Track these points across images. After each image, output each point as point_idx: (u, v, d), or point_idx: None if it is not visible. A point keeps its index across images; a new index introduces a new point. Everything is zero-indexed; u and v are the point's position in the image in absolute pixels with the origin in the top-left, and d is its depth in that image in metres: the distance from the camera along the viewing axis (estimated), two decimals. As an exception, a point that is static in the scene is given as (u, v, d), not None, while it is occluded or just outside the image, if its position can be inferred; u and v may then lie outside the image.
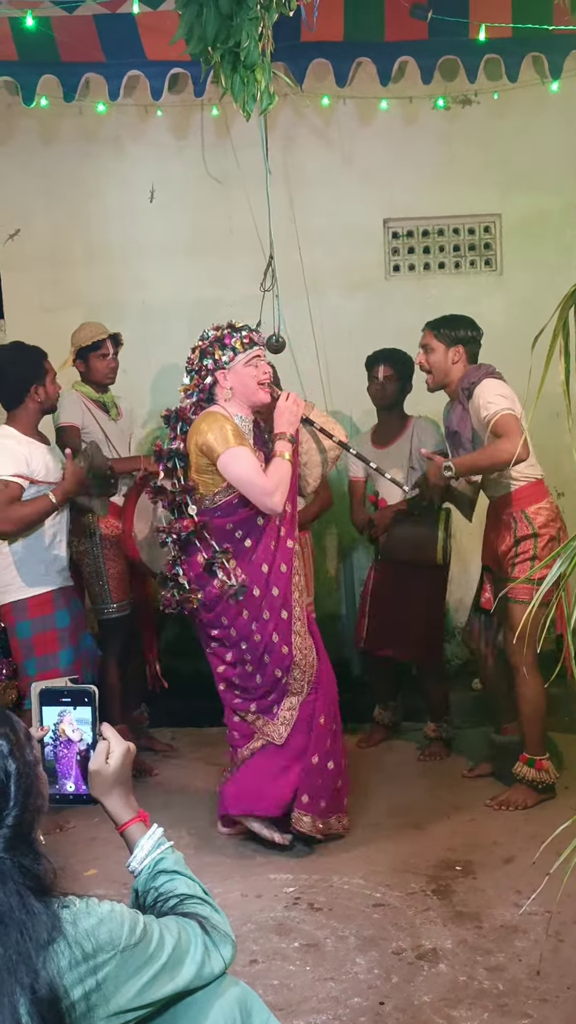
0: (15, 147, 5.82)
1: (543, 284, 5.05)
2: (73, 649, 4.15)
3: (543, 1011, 2.70)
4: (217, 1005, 1.70)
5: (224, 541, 3.72)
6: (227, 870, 3.67)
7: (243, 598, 3.71)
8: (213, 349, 3.73)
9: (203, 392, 3.77)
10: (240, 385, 3.74)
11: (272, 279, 4.40)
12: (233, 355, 3.72)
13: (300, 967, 2.99)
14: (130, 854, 1.83)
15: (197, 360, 3.77)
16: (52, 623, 4.11)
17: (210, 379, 3.74)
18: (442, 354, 4.16)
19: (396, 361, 4.78)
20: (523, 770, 4.09)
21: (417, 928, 3.19)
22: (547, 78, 5.05)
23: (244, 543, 3.75)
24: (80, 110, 5.52)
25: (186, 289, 5.75)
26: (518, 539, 4.06)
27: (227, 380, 3.73)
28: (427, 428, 4.79)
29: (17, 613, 4.08)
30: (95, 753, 1.82)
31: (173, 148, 5.85)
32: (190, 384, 3.80)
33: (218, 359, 3.72)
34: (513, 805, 4.06)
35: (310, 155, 5.82)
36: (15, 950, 1.42)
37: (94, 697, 1.85)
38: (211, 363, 3.73)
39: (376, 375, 4.80)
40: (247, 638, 3.74)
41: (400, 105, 5.60)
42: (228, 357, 3.71)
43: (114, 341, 4.74)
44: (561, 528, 4.10)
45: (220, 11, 2.76)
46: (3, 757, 1.51)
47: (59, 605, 4.14)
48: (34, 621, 4.08)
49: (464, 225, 5.96)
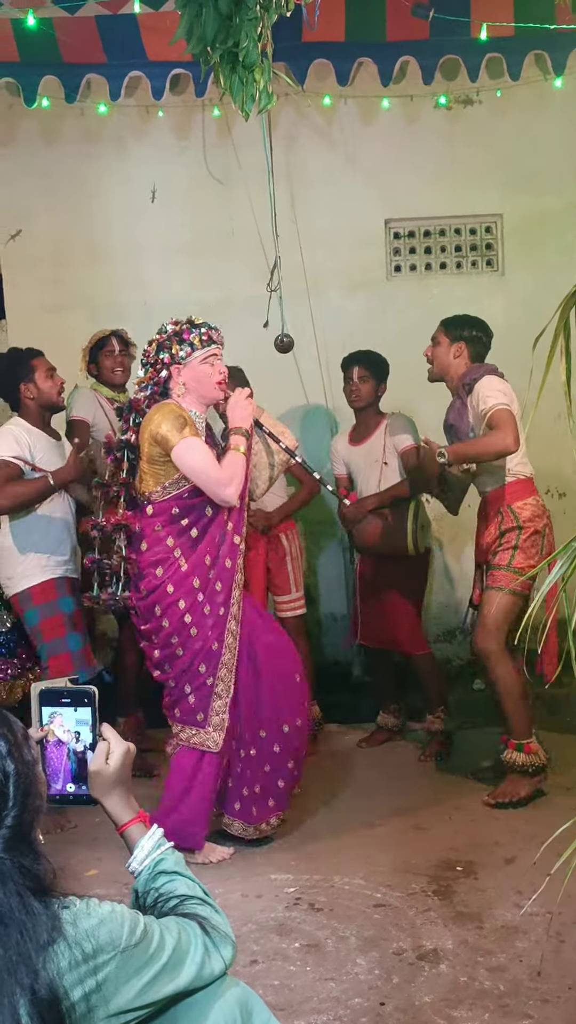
0: (17, 148, 5.83)
1: (544, 284, 5.04)
2: (81, 636, 4.26)
3: (544, 1012, 2.70)
4: (217, 1006, 1.69)
5: (168, 528, 3.69)
6: (227, 870, 3.67)
7: (175, 589, 3.66)
8: (171, 343, 3.72)
9: (157, 385, 3.77)
10: (193, 381, 3.72)
11: (277, 280, 4.41)
12: (190, 350, 3.70)
13: (301, 967, 2.99)
14: (130, 855, 1.83)
15: (153, 353, 3.76)
16: (57, 608, 4.22)
17: (165, 372, 3.74)
18: (445, 348, 4.33)
19: (370, 363, 4.89)
20: (512, 756, 4.11)
21: (418, 928, 3.19)
22: (550, 75, 5.04)
23: (190, 532, 3.71)
24: (81, 111, 5.52)
25: (188, 289, 5.75)
26: (502, 531, 4.17)
27: (181, 375, 3.72)
28: (400, 424, 4.88)
29: (23, 602, 4.22)
30: (95, 754, 1.81)
31: (175, 148, 5.85)
32: (144, 377, 3.80)
33: (175, 354, 3.71)
34: (509, 796, 4.07)
35: (311, 155, 5.82)
36: (15, 951, 1.42)
37: (94, 698, 1.84)
38: (167, 357, 3.72)
39: (351, 376, 4.90)
40: (179, 631, 3.67)
41: (402, 104, 5.60)
42: (185, 352, 3.70)
43: (120, 339, 4.84)
44: (547, 525, 4.19)
45: (219, 11, 2.76)
46: (2, 757, 1.50)
47: (63, 592, 4.25)
48: (40, 608, 4.21)
49: (466, 225, 5.96)
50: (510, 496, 4.18)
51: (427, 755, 4.72)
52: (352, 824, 4.00)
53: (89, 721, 1.83)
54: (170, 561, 3.68)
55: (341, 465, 5.03)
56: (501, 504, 4.19)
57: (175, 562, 3.68)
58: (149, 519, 3.71)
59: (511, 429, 3.97)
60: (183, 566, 3.67)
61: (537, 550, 4.10)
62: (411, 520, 4.69)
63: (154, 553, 3.69)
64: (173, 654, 3.69)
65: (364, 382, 4.88)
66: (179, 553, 3.68)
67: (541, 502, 4.24)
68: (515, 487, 4.19)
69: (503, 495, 4.19)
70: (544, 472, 4.32)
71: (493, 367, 4.25)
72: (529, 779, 4.09)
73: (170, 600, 3.66)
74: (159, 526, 3.69)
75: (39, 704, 1.84)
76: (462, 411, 4.23)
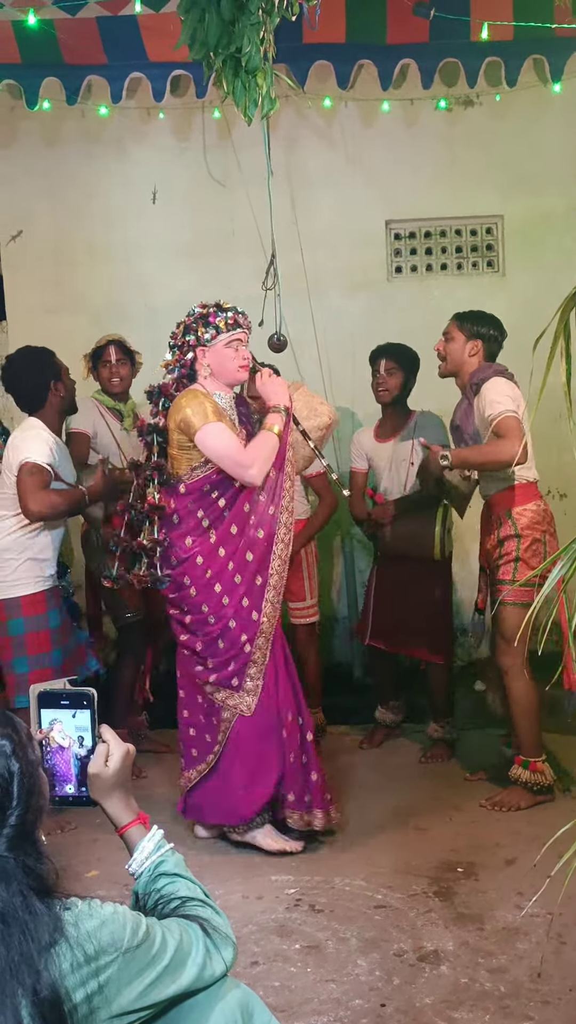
0: (18, 149, 5.84)
1: (545, 286, 5.04)
2: (64, 649, 4.21)
3: (545, 1013, 2.70)
4: (218, 1007, 1.70)
5: (199, 503, 3.74)
6: (228, 871, 3.67)
7: (204, 560, 3.72)
8: (197, 325, 3.76)
9: (184, 368, 3.80)
10: (217, 364, 3.76)
11: (274, 278, 4.40)
12: (216, 333, 3.74)
13: (301, 969, 2.99)
14: (130, 856, 1.83)
15: (180, 335, 3.80)
16: (45, 623, 4.16)
17: (191, 355, 3.77)
18: (460, 344, 4.22)
19: (399, 355, 4.76)
20: (518, 772, 4.10)
21: (419, 930, 3.19)
22: (548, 81, 5.04)
23: (218, 503, 3.75)
24: (82, 113, 5.52)
25: (188, 290, 5.71)
26: (501, 539, 4.11)
27: (206, 358, 3.76)
28: (430, 422, 4.77)
29: (9, 611, 4.14)
30: (95, 756, 1.81)
31: (175, 150, 5.86)
32: (171, 359, 3.83)
33: (200, 336, 3.74)
34: (507, 806, 4.06)
35: (312, 156, 5.82)
36: (17, 950, 1.42)
37: (93, 700, 1.84)
38: (193, 339, 3.76)
39: (378, 369, 4.79)
40: (209, 600, 3.73)
41: (402, 107, 5.61)
42: (210, 335, 3.74)
43: (120, 348, 4.78)
44: (547, 531, 4.12)
45: (222, 16, 2.77)
46: (6, 757, 1.51)
47: (51, 605, 4.20)
48: (27, 619, 4.14)
49: (466, 226, 5.96)
50: (512, 501, 4.10)
51: (428, 757, 4.72)
52: (353, 825, 4.00)
53: (88, 723, 1.83)
54: (199, 531, 3.75)
55: (363, 460, 4.92)
56: (502, 509, 4.12)
57: (205, 532, 3.74)
58: (182, 497, 3.77)
59: (517, 439, 3.84)
60: (212, 538, 3.74)
61: (540, 559, 4.02)
62: (439, 524, 4.58)
63: (186, 526, 3.76)
64: (204, 620, 3.75)
65: (391, 375, 4.74)
66: (207, 523, 3.75)
67: (543, 507, 4.16)
68: (518, 491, 4.10)
69: (505, 499, 4.12)
70: (545, 473, 4.30)
71: (502, 368, 4.14)
72: (532, 796, 4.07)
73: (199, 570, 3.73)
74: (191, 503, 3.76)
75: (38, 706, 1.85)
76: (468, 412, 4.15)
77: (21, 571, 4.13)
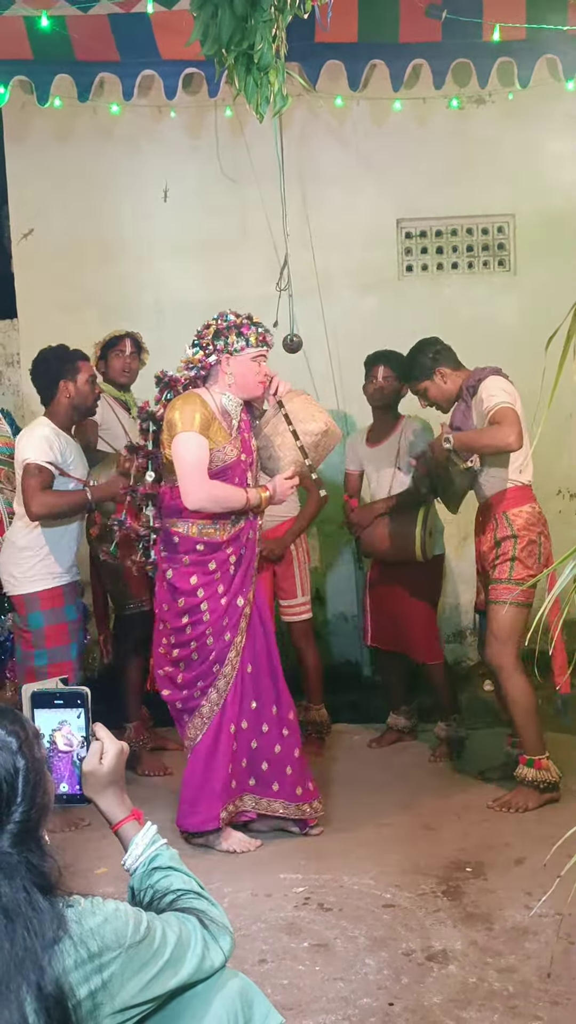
0: (30, 147, 5.85)
1: (556, 285, 5.04)
2: (79, 643, 4.29)
3: (553, 1013, 2.69)
4: (219, 997, 1.72)
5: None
6: (237, 869, 3.68)
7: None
8: (229, 333, 3.80)
9: (204, 369, 3.84)
10: (240, 375, 3.82)
11: (287, 279, 4.40)
12: (244, 345, 3.80)
13: (310, 967, 2.99)
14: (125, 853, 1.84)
15: (210, 337, 3.83)
16: (63, 616, 4.23)
17: (214, 358, 3.81)
18: (432, 385, 4.32)
19: (396, 363, 4.79)
20: (523, 771, 4.10)
21: (427, 929, 3.18)
22: (561, 79, 5.02)
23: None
24: (94, 110, 5.53)
25: (199, 288, 5.75)
26: (498, 540, 4.16)
27: (230, 366, 3.81)
28: (417, 428, 4.82)
29: (29, 604, 4.20)
30: (88, 754, 1.83)
31: (187, 148, 5.86)
32: (194, 358, 3.86)
33: (229, 343, 3.80)
34: (515, 807, 4.06)
35: (324, 155, 5.82)
36: (21, 946, 1.43)
37: (86, 699, 1.86)
38: (221, 344, 3.80)
39: (375, 376, 4.83)
40: (191, 610, 3.82)
41: (414, 105, 5.59)
42: (239, 346, 3.80)
43: (134, 342, 4.85)
44: (542, 533, 4.18)
45: (235, 13, 2.77)
46: (12, 753, 1.51)
47: (69, 599, 4.27)
48: (46, 613, 4.20)
49: (478, 225, 5.95)
50: (506, 503, 4.16)
51: (437, 756, 4.71)
52: (361, 824, 4.00)
53: (82, 722, 1.85)
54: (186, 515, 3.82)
55: (357, 463, 4.99)
56: (497, 510, 4.18)
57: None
58: (173, 488, 3.83)
59: (514, 426, 3.95)
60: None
61: (535, 559, 4.10)
62: (420, 526, 4.60)
63: (176, 510, 3.84)
64: (184, 640, 3.86)
65: (388, 382, 4.79)
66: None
67: (538, 510, 4.21)
68: (511, 494, 4.17)
69: (499, 501, 4.18)
70: (555, 473, 4.30)
71: (497, 368, 4.21)
72: (540, 794, 4.07)
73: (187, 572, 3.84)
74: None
75: (31, 706, 1.86)
76: (467, 413, 4.22)
77: (40, 567, 4.19)
